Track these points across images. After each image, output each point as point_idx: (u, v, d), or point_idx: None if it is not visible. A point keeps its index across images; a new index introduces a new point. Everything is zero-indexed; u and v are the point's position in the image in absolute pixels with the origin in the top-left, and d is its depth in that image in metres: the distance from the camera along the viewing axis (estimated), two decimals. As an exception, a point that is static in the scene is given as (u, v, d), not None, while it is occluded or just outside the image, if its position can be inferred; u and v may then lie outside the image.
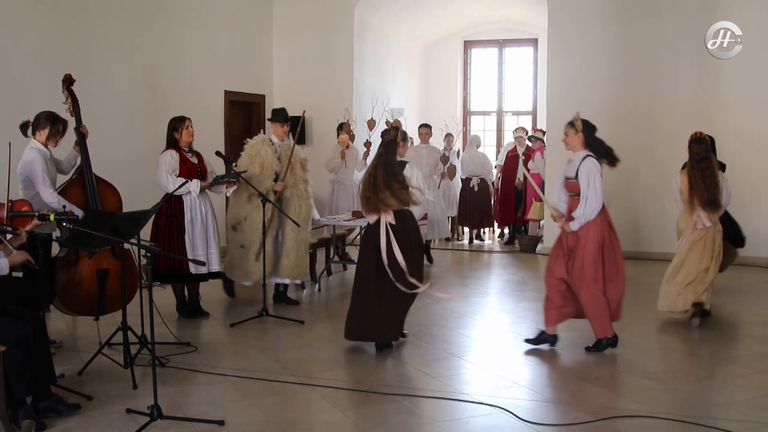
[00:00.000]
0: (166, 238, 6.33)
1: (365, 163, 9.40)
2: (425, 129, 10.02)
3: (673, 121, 9.49)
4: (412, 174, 5.65)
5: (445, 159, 10.02)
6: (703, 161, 6.25)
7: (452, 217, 11.88)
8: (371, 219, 5.61)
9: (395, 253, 5.44)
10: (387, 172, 5.52)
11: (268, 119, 7.19)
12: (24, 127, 5.51)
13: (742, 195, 9.48)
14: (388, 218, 5.51)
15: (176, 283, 6.65)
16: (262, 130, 8.22)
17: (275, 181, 6.81)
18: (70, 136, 5.79)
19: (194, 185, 6.33)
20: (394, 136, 5.63)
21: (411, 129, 11.01)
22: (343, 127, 9.80)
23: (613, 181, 9.19)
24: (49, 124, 5.50)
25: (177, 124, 6.42)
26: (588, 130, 5.51)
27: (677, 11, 9.77)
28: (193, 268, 6.36)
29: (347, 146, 9.69)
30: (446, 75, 14.53)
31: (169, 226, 6.35)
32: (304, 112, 7.31)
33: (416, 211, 5.65)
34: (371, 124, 10.36)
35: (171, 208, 6.34)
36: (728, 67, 9.39)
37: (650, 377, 5.04)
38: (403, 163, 5.68)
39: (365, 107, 11.49)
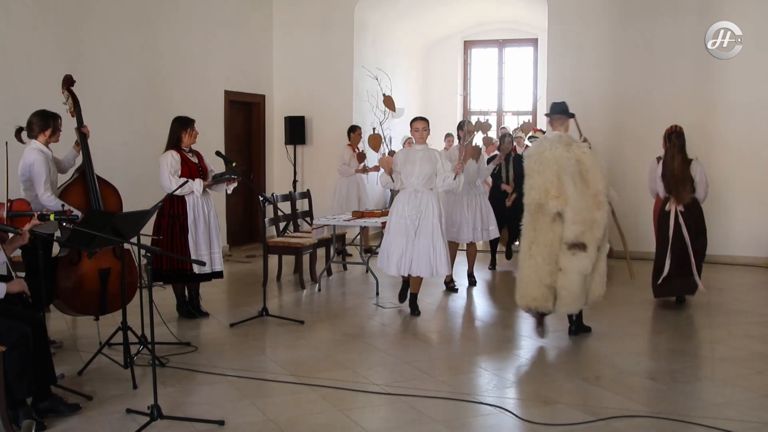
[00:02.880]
0: (168, 238, 6.33)
1: None
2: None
3: (673, 121, 9.44)
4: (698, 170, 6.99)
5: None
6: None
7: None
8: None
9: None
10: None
11: (555, 112, 6.18)
12: (18, 132, 5.50)
13: (742, 195, 9.50)
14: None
15: (178, 283, 6.66)
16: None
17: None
18: (71, 135, 5.80)
19: (197, 185, 6.33)
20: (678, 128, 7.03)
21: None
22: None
23: (615, 181, 9.25)
24: (49, 123, 5.50)
25: (187, 124, 6.40)
26: None
27: (677, 11, 9.76)
28: (196, 268, 6.36)
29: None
30: (446, 75, 14.54)
31: (171, 226, 6.34)
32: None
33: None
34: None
35: (174, 208, 6.33)
36: (728, 67, 9.39)
37: (650, 377, 5.05)
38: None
39: (365, 107, 11.49)
